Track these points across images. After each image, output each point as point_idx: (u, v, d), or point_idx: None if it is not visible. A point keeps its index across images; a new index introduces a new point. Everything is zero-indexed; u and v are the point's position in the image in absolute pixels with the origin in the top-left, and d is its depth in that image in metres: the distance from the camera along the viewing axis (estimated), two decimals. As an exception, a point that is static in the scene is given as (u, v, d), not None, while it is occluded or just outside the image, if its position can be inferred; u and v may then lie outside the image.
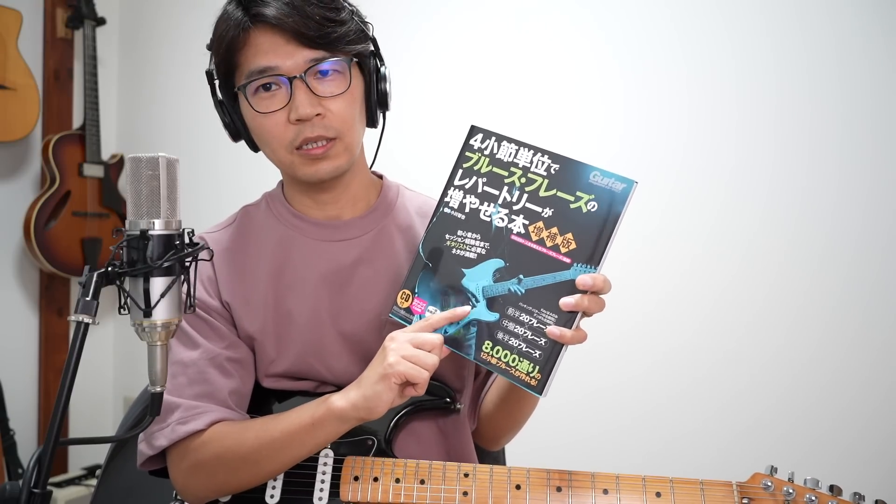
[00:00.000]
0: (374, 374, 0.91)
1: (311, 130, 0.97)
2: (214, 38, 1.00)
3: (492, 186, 0.96)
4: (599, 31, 1.95)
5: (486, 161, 0.97)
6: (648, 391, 1.88)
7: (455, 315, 0.93)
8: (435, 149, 2.13)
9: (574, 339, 0.88)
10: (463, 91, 2.13)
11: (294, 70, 0.95)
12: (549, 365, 0.89)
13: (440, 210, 0.99)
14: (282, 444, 0.95)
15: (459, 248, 0.97)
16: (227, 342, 1.04)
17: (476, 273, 0.95)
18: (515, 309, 0.92)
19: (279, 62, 0.95)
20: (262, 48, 0.95)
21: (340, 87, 0.98)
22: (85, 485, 2.58)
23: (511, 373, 0.91)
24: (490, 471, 0.95)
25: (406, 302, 0.99)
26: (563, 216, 0.91)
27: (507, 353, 0.92)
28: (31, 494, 0.70)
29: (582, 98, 1.97)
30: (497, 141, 0.98)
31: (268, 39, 0.95)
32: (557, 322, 0.89)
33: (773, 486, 0.87)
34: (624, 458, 1.89)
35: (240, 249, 1.08)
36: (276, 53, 0.95)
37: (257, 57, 0.96)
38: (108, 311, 2.81)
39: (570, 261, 0.90)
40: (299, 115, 0.95)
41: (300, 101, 0.95)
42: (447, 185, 1.00)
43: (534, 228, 0.93)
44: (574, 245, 0.90)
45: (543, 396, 0.91)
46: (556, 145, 0.96)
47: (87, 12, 2.62)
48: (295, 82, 0.95)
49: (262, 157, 1.07)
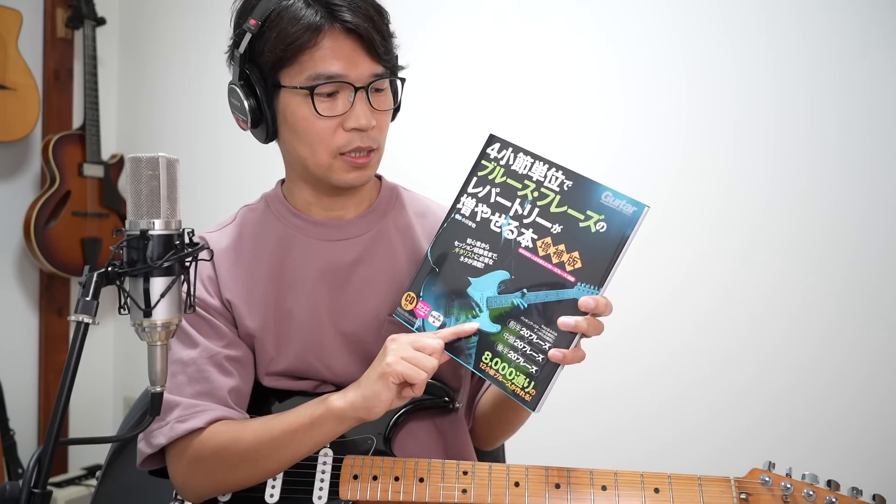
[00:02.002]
0: (373, 374, 0.91)
1: (362, 140, 0.99)
2: (270, 27, 0.96)
3: (504, 197, 0.97)
4: (600, 31, 1.95)
5: (500, 171, 0.98)
6: (648, 391, 1.88)
7: (463, 330, 0.94)
8: (434, 150, 2.13)
9: (572, 360, 0.89)
10: (463, 93, 2.13)
11: (360, 81, 0.98)
12: (545, 382, 0.89)
13: (452, 216, 1.00)
14: (280, 442, 0.95)
15: (467, 256, 0.97)
16: (227, 341, 1.04)
17: (482, 283, 0.95)
18: (517, 322, 0.92)
19: (349, 71, 0.97)
20: (336, 53, 0.96)
21: (389, 103, 1.03)
22: (85, 485, 2.59)
23: (507, 385, 0.92)
24: (489, 469, 0.95)
25: (410, 304, 1.00)
26: (572, 234, 0.91)
27: (505, 366, 0.92)
28: (31, 494, 0.70)
29: (582, 98, 1.97)
30: (514, 152, 0.98)
31: (341, 45, 0.96)
32: (556, 339, 0.89)
33: (771, 482, 0.87)
34: (624, 457, 1.89)
35: (240, 248, 1.08)
36: (347, 62, 0.96)
37: (326, 60, 0.96)
38: (108, 311, 2.81)
39: (574, 280, 0.90)
40: (360, 125, 0.98)
41: (362, 112, 0.98)
42: (461, 191, 1.00)
43: (542, 244, 0.93)
44: (579, 264, 0.90)
45: (536, 412, 0.91)
46: (555, 145, 0.96)
47: (87, 12, 2.62)
48: (359, 93, 0.98)
49: (262, 156, 1.07)
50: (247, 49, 0.98)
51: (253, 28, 0.97)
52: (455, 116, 2.13)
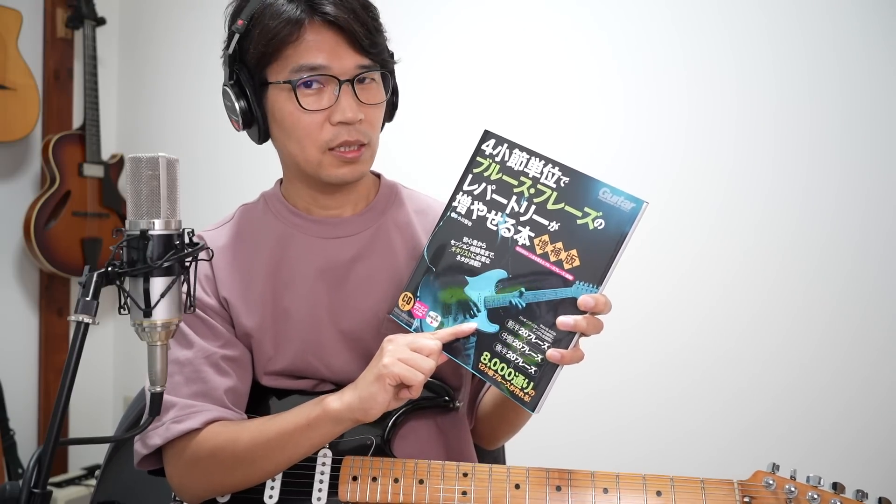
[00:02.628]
0: (369, 376, 0.91)
1: (349, 134, 0.98)
2: (255, 25, 0.97)
3: (500, 195, 0.96)
4: (600, 32, 1.95)
5: (496, 168, 0.96)
6: (648, 391, 1.88)
7: (461, 331, 0.94)
8: (430, 148, 2.13)
9: (571, 360, 0.88)
10: (461, 91, 2.13)
11: (344, 74, 0.97)
12: (544, 382, 0.88)
13: (447, 214, 0.99)
14: (277, 444, 0.95)
15: (464, 255, 0.96)
16: (223, 340, 1.04)
17: (479, 282, 0.94)
18: (515, 322, 0.91)
19: (332, 63, 0.96)
20: (318, 46, 0.95)
21: (378, 96, 1.02)
22: (85, 485, 2.58)
23: (506, 386, 0.91)
24: (489, 470, 0.94)
25: (407, 305, 0.99)
26: (570, 231, 0.90)
27: (504, 367, 0.91)
28: (31, 494, 0.70)
29: (582, 97, 1.97)
30: (509, 148, 0.96)
31: (323, 38, 0.96)
32: (555, 339, 0.88)
33: (775, 485, 0.87)
34: (624, 457, 1.89)
35: (238, 247, 1.08)
36: (330, 54, 0.96)
37: (309, 53, 0.95)
38: (108, 311, 2.81)
39: (572, 278, 0.89)
40: (346, 119, 0.97)
41: (348, 105, 0.97)
42: (456, 189, 0.99)
43: (539, 241, 0.92)
44: (578, 262, 0.89)
45: (536, 413, 0.90)
46: (555, 145, 0.96)
47: (87, 12, 2.62)
48: (344, 86, 0.97)
49: (262, 156, 1.07)
50: (235, 49, 0.99)
51: (240, 28, 0.98)
52: (451, 114, 2.13)
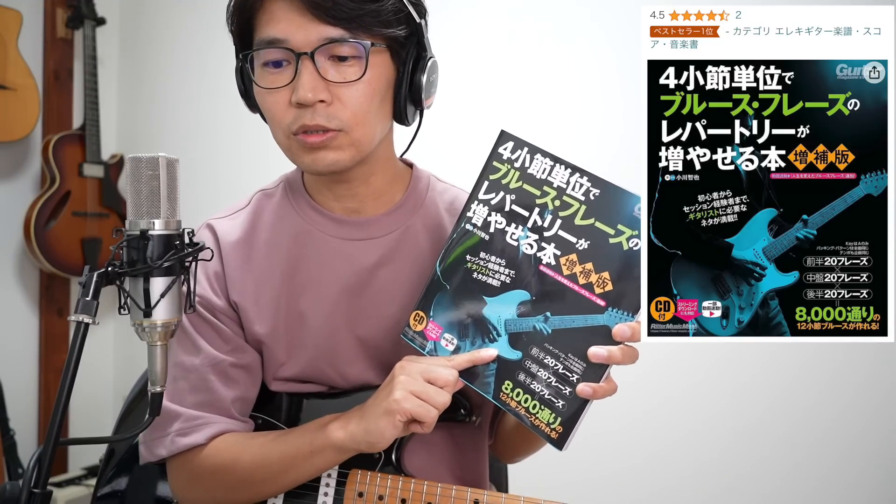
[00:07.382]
0: (378, 409, 0.85)
1: (310, 118, 0.86)
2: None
3: (521, 206, 0.85)
4: (601, 31, 1.95)
5: (515, 175, 0.86)
6: (648, 391, 1.88)
7: (480, 358, 0.85)
8: (441, 149, 2.12)
9: (604, 394, 0.79)
10: (470, 89, 2.12)
11: (304, 46, 0.84)
12: (574, 419, 0.80)
13: (461, 225, 0.88)
14: (279, 469, 0.92)
15: (481, 272, 0.86)
16: (232, 346, 0.98)
17: (499, 303, 0.85)
18: (540, 350, 0.82)
19: (290, 35, 0.84)
20: (276, 16, 0.85)
21: (352, 73, 0.86)
22: (85, 485, 2.58)
23: (531, 420, 0.82)
24: (502, 500, 0.88)
25: (420, 325, 0.90)
26: (601, 251, 0.80)
27: (528, 398, 0.82)
28: (31, 494, 0.70)
29: (582, 98, 1.97)
30: (530, 153, 0.86)
31: (282, 6, 0.85)
32: (585, 371, 0.79)
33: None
34: (623, 457, 1.89)
35: (252, 243, 1.00)
36: (288, 24, 0.84)
37: (269, 25, 0.86)
38: (108, 311, 2.81)
39: (604, 304, 0.79)
40: (298, 99, 0.84)
41: (303, 83, 0.84)
42: (471, 197, 0.89)
43: (566, 261, 0.82)
44: (610, 286, 0.79)
45: (563, 451, 0.81)
46: (556, 145, 0.95)
47: (87, 12, 2.61)
48: (302, 60, 0.84)
49: (262, 156, 1.06)
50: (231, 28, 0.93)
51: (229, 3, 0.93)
52: (460, 110, 2.12)
